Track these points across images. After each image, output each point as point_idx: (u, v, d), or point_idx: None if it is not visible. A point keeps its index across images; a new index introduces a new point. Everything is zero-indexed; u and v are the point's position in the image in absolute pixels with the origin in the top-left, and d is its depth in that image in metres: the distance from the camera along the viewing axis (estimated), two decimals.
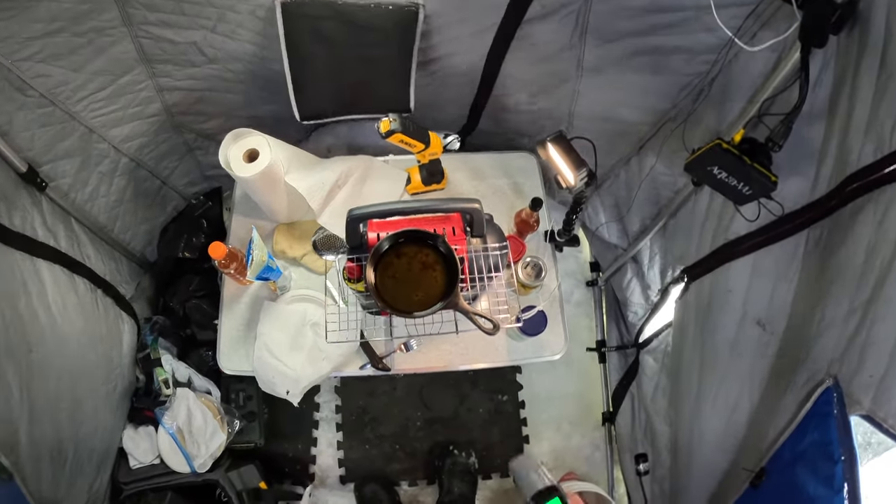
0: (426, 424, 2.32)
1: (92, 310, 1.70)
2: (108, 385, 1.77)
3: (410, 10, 1.42)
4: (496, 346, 1.67)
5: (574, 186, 1.41)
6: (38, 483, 1.36)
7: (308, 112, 1.74)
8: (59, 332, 1.50)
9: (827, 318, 1.07)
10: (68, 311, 1.56)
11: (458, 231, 1.31)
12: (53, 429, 1.46)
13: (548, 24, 1.48)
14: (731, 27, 1.19)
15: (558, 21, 1.46)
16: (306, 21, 1.45)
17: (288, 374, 1.57)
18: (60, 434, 1.49)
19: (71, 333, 1.56)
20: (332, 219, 1.64)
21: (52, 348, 1.47)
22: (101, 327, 1.75)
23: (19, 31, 1.27)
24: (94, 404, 1.69)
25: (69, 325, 1.55)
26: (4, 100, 1.34)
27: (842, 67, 1.11)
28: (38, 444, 1.38)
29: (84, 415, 1.63)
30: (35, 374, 1.38)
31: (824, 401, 1.04)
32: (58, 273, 1.54)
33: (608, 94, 1.72)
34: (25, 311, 1.38)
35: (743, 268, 1.41)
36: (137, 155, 1.86)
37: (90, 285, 1.70)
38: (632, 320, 2.19)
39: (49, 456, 1.43)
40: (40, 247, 1.47)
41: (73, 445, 1.55)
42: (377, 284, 1.22)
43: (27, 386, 1.34)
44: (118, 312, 1.88)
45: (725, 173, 1.22)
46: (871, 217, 0.99)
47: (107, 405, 1.78)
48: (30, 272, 1.43)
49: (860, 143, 1.03)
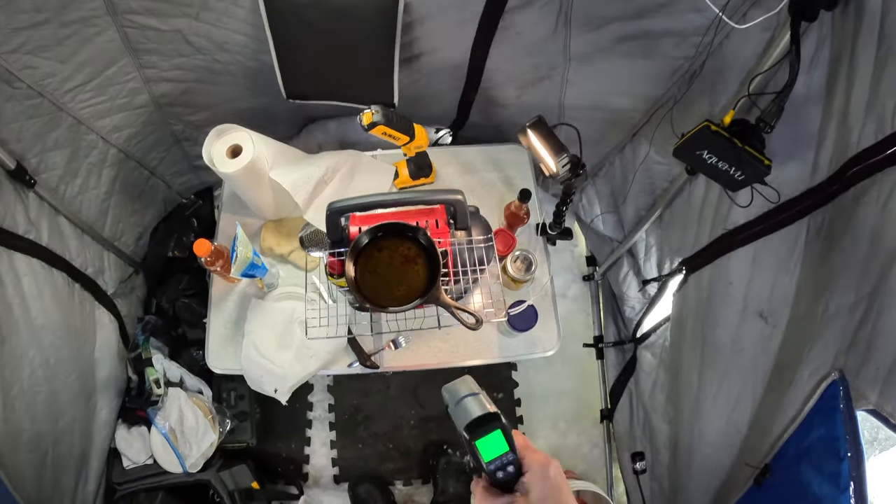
0: (420, 423, 2.29)
1: (69, 303, 1.70)
2: (80, 379, 1.76)
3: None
4: (488, 343, 1.64)
5: (557, 174, 1.37)
6: (19, 476, 1.36)
7: (294, 91, 1.74)
8: (33, 324, 1.51)
9: (831, 309, 1.04)
10: (44, 304, 1.56)
11: (442, 224, 1.29)
12: (30, 420, 1.47)
13: (530, 13, 1.45)
14: (718, 4, 1.15)
15: (540, 8, 1.43)
16: (289, 8, 1.43)
17: (276, 373, 1.55)
18: (37, 426, 1.50)
19: (46, 326, 1.56)
20: (318, 214, 1.61)
21: (26, 340, 1.47)
22: (77, 321, 1.75)
23: (5, 22, 1.27)
24: (69, 398, 1.68)
25: (45, 317, 1.56)
26: None
27: (838, 45, 1.08)
28: (13, 434, 1.38)
29: (60, 408, 1.63)
30: (7, 364, 1.39)
31: (830, 395, 1.01)
32: (35, 266, 1.54)
33: (597, 82, 1.69)
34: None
35: (743, 258, 1.38)
36: (125, 146, 1.86)
37: (68, 279, 1.70)
38: (629, 315, 2.16)
39: (27, 447, 1.44)
40: (18, 240, 1.47)
41: (51, 438, 1.56)
42: (357, 279, 1.19)
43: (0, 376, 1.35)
44: (95, 306, 1.87)
45: (716, 157, 1.19)
46: (874, 200, 0.96)
47: (81, 400, 1.77)
48: (6, 265, 1.43)
49: (860, 125, 1.00)
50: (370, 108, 1.42)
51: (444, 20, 1.51)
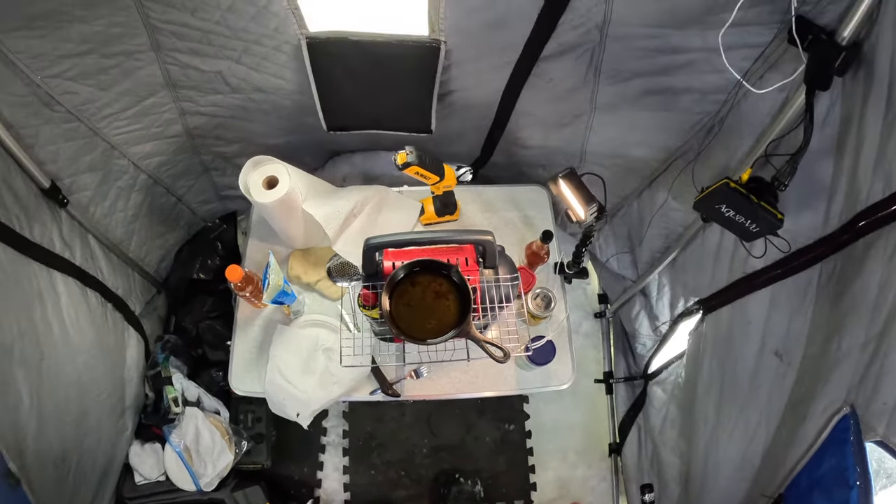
0: (433, 452, 2.32)
1: (102, 323, 1.74)
2: (112, 398, 1.80)
3: (432, 46, 1.47)
4: (505, 375, 1.68)
5: (584, 221, 1.44)
6: (43, 491, 1.38)
7: (334, 124, 1.81)
8: (70, 343, 1.54)
9: (843, 348, 1.09)
10: (80, 323, 1.60)
11: (471, 262, 1.34)
12: (59, 438, 1.49)
13: (563, 62, 1.52)
14: (739, 69, 1.23)
15: (574, 59, 1.50)
16: (331, 56, 1.51)
17: (299, 397, 1.59)
18: (65, 443, 1.52)
19: (81, 345, 1.60)
20: (346, 246, 1.67)
21: (63, 358, 1.51)
22: (110, 340, 1.79)
23: (51, 49, 1.33)
24: (98, 416, 1.71)
25: (80, 336, 1.60)
26: (31, 114, 1.39)
27: (848, 107, 1.15)
28: (44, 451, 1.41)
29: (89, 425, 1.66)
30: (45, 382, 1.42)
31: (841, 427, 1.06)
32: (72, 285, 1.59)
33: (620, 131, 1.76)
34: (40, 321, 1.43)
35: (762, 300, 1.43)
36: (156, 172, 1.92)
37: (101, 299, 1.75)
38: (640, 352, 2.20)
39: (53, 464, 1.46)
40: (57, 259, 1.52)
41: (77, 455, 1.58)
42: (392, 311, 1.24)
43: (37, 393, 1.38)
44: (125, 327, 1.91)
45: (733, 211, 1.25)
46: (881, 253, 1.02)
47: (110, 417, 1.80)
48: (46, 283, 1.47)
49: (869, 181, 1.06)
50: (405, 148, 1.49)
51: (480, 65, 1.58)
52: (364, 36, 1.45)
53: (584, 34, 1.41)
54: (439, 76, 1.57)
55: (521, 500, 2.30)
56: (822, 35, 1.12)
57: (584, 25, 1.38)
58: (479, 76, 1.64)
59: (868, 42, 1.08)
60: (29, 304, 1.40)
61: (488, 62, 1.57)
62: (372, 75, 1.58)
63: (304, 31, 1.43)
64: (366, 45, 1.47)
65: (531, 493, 2.31)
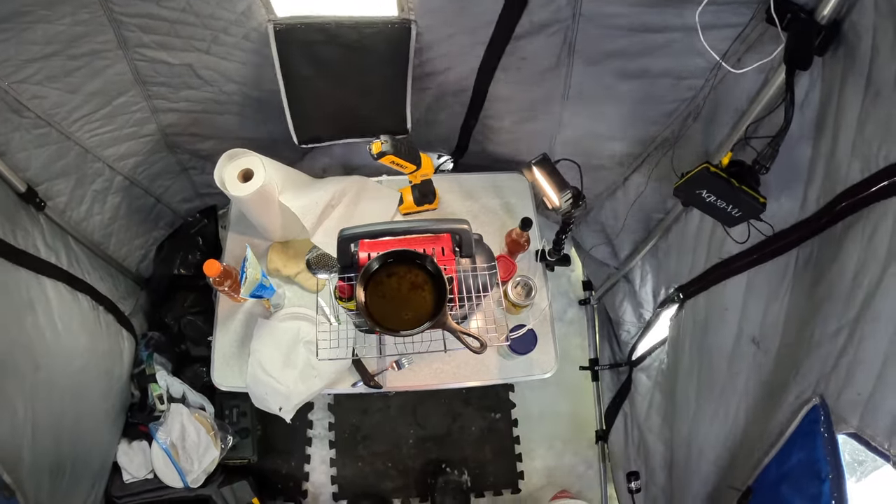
0: (419, 442, 2.32)
1: (95, 327, 1.72)
2: (107, 402, 1.78)
3: (403, 28, 1.44)
4: (487, 365, 1.68)
5: (559, 208, 1.43)
6: (38, 498, 1.36)
7: (306, 136, 1.77)
8: (64, 349, 1.52)
9: (816, 336, 1.08)
10: (73, 329, 1.57)
11: (448, 251, 1.33)
12: (54, 445, 1.47)
13: (537, 41, 1.50)
14: (718, 50, 1.21)
15: (546, 37, 1.48)
16: (299, 45, 1.48)
17: (280, 391, 1.58)
18: (60, 450, 1.50)
19: (75, 351, 1.58)
20: (325, 238, 1.66)
21: (57, 366, 1.48)
22: (104, 344, 1.77)
23: (16, 53, 1.29)
24: (93, 420, 1.70)
25: (74, 342, 1.57)
26: (1, 121, 1.36)
27: (827, 88, 1.14)
28: (39, 461, 1.38)
29: (84, 431, 1.64)
30: (40, 392, 1.39)
31: (811, 419, 1.05)
32: (62, 291, 1.56)
33: (593, 120, 1.74)
34: (32, 329, 1.40)
35: (738, 285, 1.43)
36: (132, 174, 1.88)
37: (92, 302, 1.72)
38: (624, 339, 2.20)
39: (48, 471, 1.44)
40: (44, 265, 1.49)
41: (71, 461, 1.56)
42: (367, 303, 1.23)
43: (32, 405, 1.35)
44: (118, 329, 1.89)
45: (714, 196, 1.24)
46: (859, 235, 1.01)
47: (105, 421, 1.79)
48: (36, 290, 1.44)
49: (847, 162, 1.05)
50: (379, 137, 1.47)
51: (453, 46, 1.56)
52: (332, 20, 1.42)
53: (556, 11, 1.38)
54: (412, 60, 1.55)
55: (509, 489, 2.31)
56: (801, 14, 1.10)
57: (556, 2, 1.35)
58: (453, 57, 1.61)
59: (848, 20, 1.06)
60: (19, 312, 1.37)
61: (461, 42, 1.55)
62: (343, 66, 1.55)
63: (272, 16, 1.40)
64: (334, 30, 1.44)
65: (518, 481, 2.32)
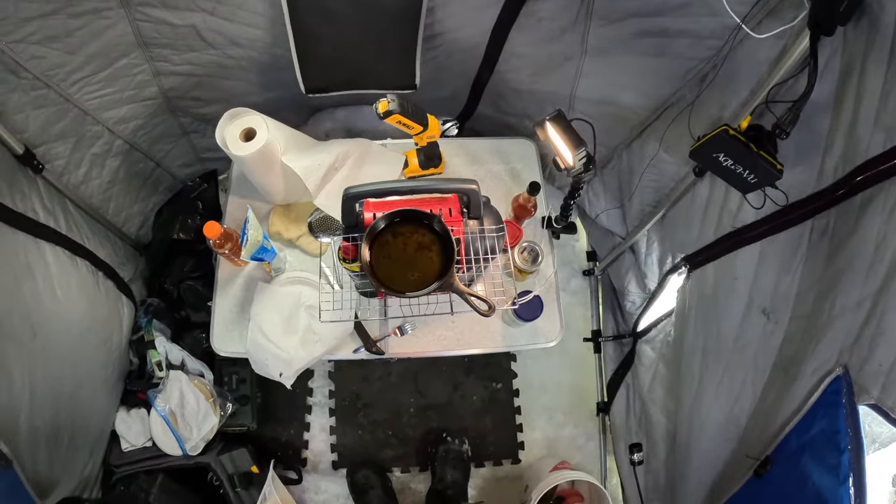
0: (420, 411, 2.31)
1: (94, 293, 1.69)
2: (106, 369, 1.76)
3: None
4: (491, 332, 1.66)
5: (573, 167, 1.39)
6: (35, 467, 1.35)
7: (313, 85, 1.73)
8: (62, 316, 1.49)
9: (837, 308, 1.07)
10: (71, 295, 1.55)
11: (455, 212, 1.30)
12: (52, 414, 1.45)
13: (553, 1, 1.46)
14: (738, 13, 1.17)
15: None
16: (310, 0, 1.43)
17: (281, 357, 1.56)
18: (58, 419, 1.48)
19: (74, 317, 1.55)
20: (328, 200, 1.62)
21: (55, 333, 1.46)
22: (103, 310, 1.74)
23: (14, 11, 1.24)
24: (92, 388, 1.68)
25: (72, 308, 1.55)
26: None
27: (849, 58, 1.10)
28: (37, 429, 1.37)
29: (82, 398, 1.62)
30: (38, 359, 1.37)
31: (833, 390, 1.04)
32: (61, 255, 1.53)
33: (611, 76, 1.71)
34: (30, 295, 1.37)
35: (750, 255, 1.40)
36: (132, 137, 1.84)
37: (92, 268, 1.69)
38: (629, 310, 2.18)
39: (46, 440, 1.42)
40: (43, 229, 1.46)
41: (69, 429, 1.54)
42: (372, 264, 1.20)
43: (30, 372, 1.33)
44: (118, 295, 1.87)
45: (731, 161, 1.22)
46: (880, 208, 0.99)
47: (104, 389, 1.77)
48: (35, 255, 1.41)
49: (869, 134, 1.03)
50: (386, 96, 1.43)
51: (467, 4, 1.52)
52: None
53: None
54: (424, 18, 1.51)
55: (509, 459, 2.30)
56: None
57: None
58: (466, 16, 1.57)
59: None
60: (17, 277, 1.34)
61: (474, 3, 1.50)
62: (353, 20, 1.51)
63: None
64: None
65: (519, 451, 2.31)
